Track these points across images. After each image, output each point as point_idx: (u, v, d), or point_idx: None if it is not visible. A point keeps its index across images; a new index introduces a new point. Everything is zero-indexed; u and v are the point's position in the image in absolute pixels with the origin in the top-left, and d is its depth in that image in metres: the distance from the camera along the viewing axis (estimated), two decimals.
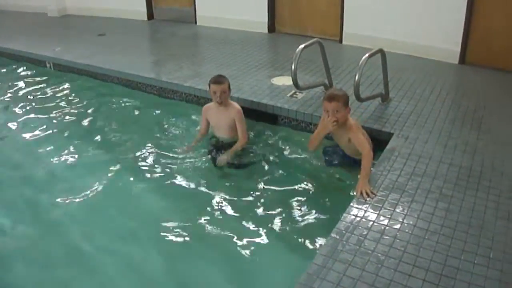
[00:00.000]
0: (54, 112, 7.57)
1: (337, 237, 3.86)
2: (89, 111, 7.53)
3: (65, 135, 6.80)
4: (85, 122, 7.13)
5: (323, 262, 3.58)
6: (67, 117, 7.34)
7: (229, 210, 4.95)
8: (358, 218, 4.06)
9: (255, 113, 6.65)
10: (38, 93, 8.36)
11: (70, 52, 9.46)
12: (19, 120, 7.37)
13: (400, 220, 4.01)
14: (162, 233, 4.64)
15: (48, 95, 8.29)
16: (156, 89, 7.86)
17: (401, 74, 7.36)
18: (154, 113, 7.24)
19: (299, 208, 4.91)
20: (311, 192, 5.19)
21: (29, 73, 9.39)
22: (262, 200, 5.07)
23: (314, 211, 4.84)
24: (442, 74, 7.56)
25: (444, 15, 7.81)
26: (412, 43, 8.27)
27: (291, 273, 3.91)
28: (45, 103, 7.94)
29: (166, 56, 9.02)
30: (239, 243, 4.48)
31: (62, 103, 7.91)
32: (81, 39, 10.53)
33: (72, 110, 7.56)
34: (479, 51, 7.81)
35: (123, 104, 7.68)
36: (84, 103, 7.82)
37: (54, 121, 7.24)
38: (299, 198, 5.06)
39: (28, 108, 7.74)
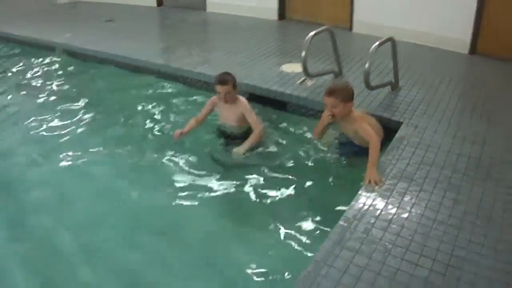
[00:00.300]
0: (61, 97, 7.59)
1: (345, 224, 3.87)
2: (97, 97, 7.54)
3: (73, 120, 6.80)
4: (93, 108, 7.11)
5: (330, 249, 3.60)
6: (74, 103, 7.34)
7: (236, 197, 4.96)
8: (366, 207, 4.08)
9: (264, 100, 6.66)
10: (46, 79, 8.37)
11: (79, 38, 9.47)
12: (27, 105, 7.40)
13: (408, 209, 4.02)
14: (170, 222, 4.67)
15: (56, 80, 8.29)
16: (166, 75, 7.85)
17: (411, 63, 7.32)
18: (163, 99, 7.24)
19: (307, 195, 4.93)
20: (319, 179, 5.17)
21: (37, 59, 9.39)
22: (269, 187, 5.07)
23: (322, 199, 4.85)
24: (452, 64, 7.54)
25: (455, 5, 7.76)
26: (423, 32, 8.23)
27: (298, 259, 3.94)
28: (53, 88, 7.96)
29: (176, 43, 9.01)
30: (246, 228, 4.52)
31: (70, 89, 7.92)
32: (90, 25, 10.50)
33: (80, 96, 7.56)
34: (490, 41, 7.76)
35: (131, 90, 7.67)
36: (92, 88, 7.84)
37: (61, 106, 7.24)
38: (307, 186, 5.07)
39: (36, 94, 7.76)
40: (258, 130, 5.68)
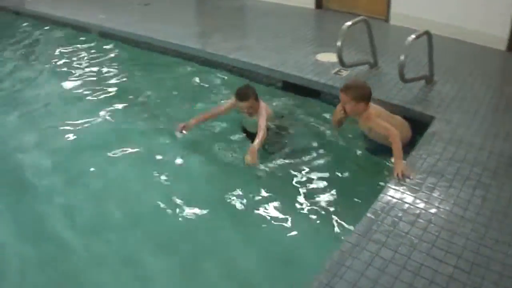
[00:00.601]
0: (95, 78, 7.76)
1: (373, 217, 3.91)
2: (129, 78, 7.70)
3: (105, 101, 6.99)
4: (126, 91, 7.26)
5: (356, 240, 3.65)
6: (107, 84, 7.52)
7: (264, 188, 4.97)
8: (394, 200, 4.10)
9: (298, 88, 6.71)
10: (81, 60, 8.53)
11: (114, 20, 9.61)
12: (61, 86, 7.58)
13: (436, 204, 4.02)
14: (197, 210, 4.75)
15: (90, 61, 8.46)
16: (201, 60, 7.91)
17: (447, 58, 7.25)
18: (196, 84, 7.34)
19: (335, 186, 4.95)
20: (346, 171, 5.19)
21: (73, 39, 9.53)
22: (297, 178, 5.11)
23: (350, 191, 4.87)
24: (488, 60, 7.44)
25: (494, 1, 7.65)
26: (460, 27, 8.12)
27: (324, 250, 3.96)
28: (87, 69, 8.12)
29: (211, 28, 9.08)
30: (274, 220, 4.56)
31: (104, 70, 8.08)
32: (126, 8, 10.67)
33: (113, 77, 7.73)
34: None
35: (165, 74, 7.78)
36: (125, 70, 7.98)
37: (95, 87, 7.39)
38: (335, 177, 5.11)
39: (70, 74, 7.91)
40: (260, 136, 5.29)
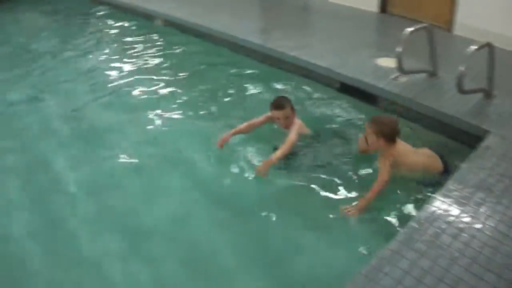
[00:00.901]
0: (158, 67, 7.98)
1: (416, 226, 3.91)
2: (190, 70, 7.88)
3: (166, 91, 7.18)
4: (186, 80, 7.50)
5: (397, 248, 3.66)
6: (170, 74, 7.73)
7: (299, 192, 5.01)
8: (439, 211, 4.07)
9: (355, 91, 6.71)
10: (146, 48, 8.77)
11: (181, 10, 9.75)
12: (127, 74, 7.81)
13: (482, 220, 3.98)
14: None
15: (154, 50, 8.67)
16: (260, 55, 7.98)
17: (508, 72, 7.10)
18: (252, 79, 7.44)
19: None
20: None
21: (139, 27, 9.74)
22: (341, 182, 5.10)
23: (393, 200, 4.82)
24: None
25: None
26: None
27: (361, 256, 4.03)
28: (151, 58, 8.35)
29: (273, 24, 9.15)
30: (311, 224, 4.62)
31: (167, 60, 8.29)
32: None
33: (175, 67, 7.93)
34: None
35: (225, 67, 7.91)
36: (188, 61, 8.19)
37: (158, 76, 7.59)
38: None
39: (136, 62, 8.13)
40: (283, 148, 5.16)
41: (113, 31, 9.89)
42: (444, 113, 5.76)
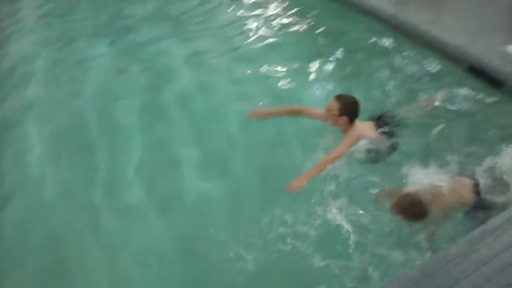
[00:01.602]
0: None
1: (490, 228, 3.97)
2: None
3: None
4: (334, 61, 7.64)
5: (465, 245, 3.81)
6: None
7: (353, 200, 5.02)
8: None
9: (483, 74, 6.65)
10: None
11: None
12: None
13: None
14: None
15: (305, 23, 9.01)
16: (392, 25, 8.12)
17: None
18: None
19: None
20: None
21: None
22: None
23: None
24: None
25: None
26: None
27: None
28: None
29: None
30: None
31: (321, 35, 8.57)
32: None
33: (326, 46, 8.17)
34: None
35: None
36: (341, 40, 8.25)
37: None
38: None
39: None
40: (314, 169, 4.92)
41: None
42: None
